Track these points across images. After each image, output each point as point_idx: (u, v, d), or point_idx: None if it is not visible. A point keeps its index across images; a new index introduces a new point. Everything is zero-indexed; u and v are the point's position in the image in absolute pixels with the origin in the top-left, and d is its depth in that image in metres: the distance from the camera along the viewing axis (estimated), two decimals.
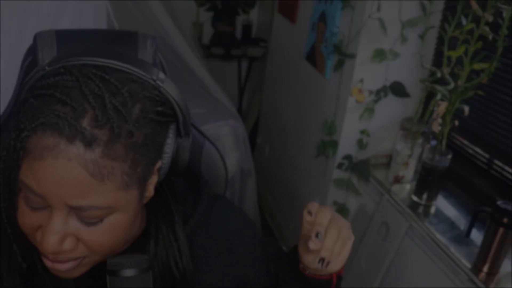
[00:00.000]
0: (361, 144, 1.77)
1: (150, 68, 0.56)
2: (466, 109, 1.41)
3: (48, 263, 0.56)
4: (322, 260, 0.64)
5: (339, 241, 0.64)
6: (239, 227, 0.76)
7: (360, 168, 1.76)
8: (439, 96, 1.44)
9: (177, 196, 0.69)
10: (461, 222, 1.47)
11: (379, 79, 1.69)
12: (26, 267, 0.61)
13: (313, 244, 0.62)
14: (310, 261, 0.67)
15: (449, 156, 1.47)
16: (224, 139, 1.86)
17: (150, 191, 0.60)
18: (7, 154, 0.51)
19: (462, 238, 1.39)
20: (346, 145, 1.80)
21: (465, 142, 1.61)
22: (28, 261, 0.61)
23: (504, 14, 1.27)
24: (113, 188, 0.52)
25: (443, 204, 1.55)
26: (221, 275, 0.71)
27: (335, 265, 0.66)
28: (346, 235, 0.65)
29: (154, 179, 0.59)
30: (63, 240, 0.53)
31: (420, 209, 1.53)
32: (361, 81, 1.69)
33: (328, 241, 0.63)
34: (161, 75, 0.56)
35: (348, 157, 1.81)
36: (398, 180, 1.65)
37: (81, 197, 0.51)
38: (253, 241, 0.77)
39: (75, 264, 0.57)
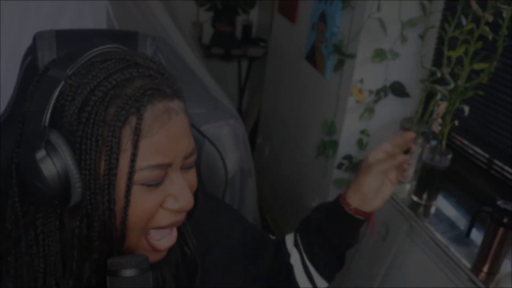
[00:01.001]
0: (361, 144, 1.77)
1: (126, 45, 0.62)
2: (466, 109, 1.41)
3: (165, 237, 0.59)
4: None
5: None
6: (229, 220, 0.79)
7: None
8: (439, 96, 1.44)
9: None
10: (461, 222, 1.47)
11: (379, 79, 1.69)
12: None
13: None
14: (371, 181, 0.75)
15: (449, 156, 1.47)
16: (224, 139, 1.86)
17: None
18: (110, 157, 0.52)
19: (462, 238, 1.39)
20: (346, 145, 1.80)
21: (465, 142, 1.61)
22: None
23: (504, 14, 1.26)
24: (191, 129, 0.60)
25: (443, 204, 1.55)
26: (220, 267, 0.74)
27: (383, 198, 0.76)
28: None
29: None
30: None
31: (420, 209, 1.53)
32: (361, 81, 1.69)
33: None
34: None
35: (348, 157, 1.81)
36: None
37: (190, 143, 0.58)
38: (242, 232, 0.80)
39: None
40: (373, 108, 1.71)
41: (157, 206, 0.56)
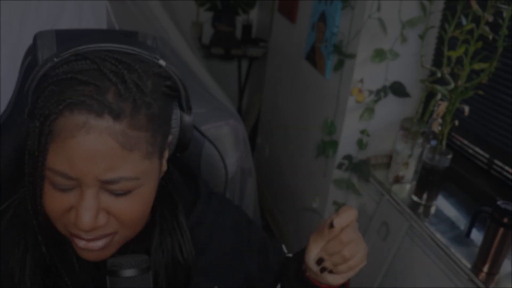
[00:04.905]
0: (361, 144, 1.77)
1: (151, 49, 0.60)
2: (466, 109, 1.41)
3: (81, 244, 0.57)
4: (320, 261, 0.63)
5: (343, 252, 0.61)
6: (234, 221, 0.78)
7: (360, 168, 1.76)
8: (439, 96, 1.44)
9: (177, 194, 0.70)
10: (461, 222, 1.47)
11: (379, 79, 1.69)
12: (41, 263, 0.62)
13: (323, 234, 0.61)
14: (311, 261, 0.65)
15: (449, 156, 1.47)
16: (224, 139, 1.86)
17: (164, 165, 0.63)
18: (32, 143, 0.53)
19: (462, 238, 1.39)
20: (346, 145, 1.80)
21: (465, 142, 1.61)
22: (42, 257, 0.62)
23: (504, 14, 1.27)
24: (140, 158, 0.55)
25: (443, 204, 1.55)
26: (218, 267, 0.73)
27: (333, 279, 0.64)
28: (353, 252, 0.61)
29: (166, 154, 0.63)
30: (97, 215, 0.55)
31: (420, 209, 1.53)
32: (361, 81, 1.69)
33: (333, 244, 0.61)
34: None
35: (348, 157, 1.81)
36: (398, 180, 1.65)
37: (113, 170, 0.53)
38: (248, 234, 0.78)
39: (107, 241, 0.58)
40: (373, 108, 1.71)
41: (61, 211, 0.56)
